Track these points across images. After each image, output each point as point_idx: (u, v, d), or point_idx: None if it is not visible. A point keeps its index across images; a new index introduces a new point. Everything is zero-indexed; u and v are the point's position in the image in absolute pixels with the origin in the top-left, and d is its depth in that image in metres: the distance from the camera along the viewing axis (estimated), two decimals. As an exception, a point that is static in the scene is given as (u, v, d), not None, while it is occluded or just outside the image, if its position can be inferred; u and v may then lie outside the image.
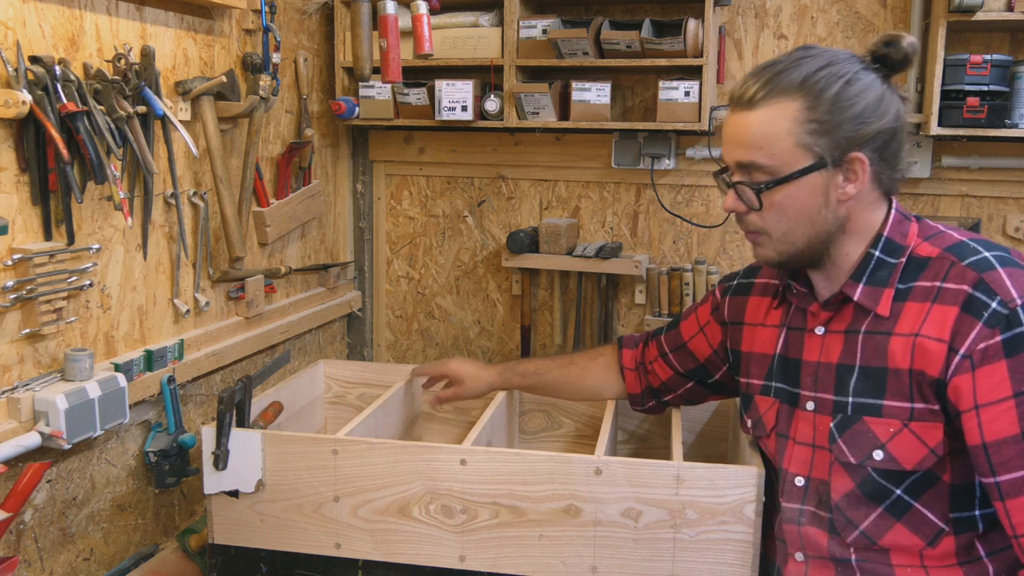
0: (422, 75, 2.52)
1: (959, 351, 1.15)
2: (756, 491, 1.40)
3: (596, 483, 1.44)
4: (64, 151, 1.46)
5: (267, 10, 2.08)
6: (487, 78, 2.43)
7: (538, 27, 2.35)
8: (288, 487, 1.55)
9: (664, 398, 1.69)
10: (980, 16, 2.08)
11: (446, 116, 2.43)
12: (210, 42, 1.96)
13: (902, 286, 1.24)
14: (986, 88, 2.14)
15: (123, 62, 1.64)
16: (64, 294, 1.56)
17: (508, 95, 2.40)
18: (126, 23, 1.70)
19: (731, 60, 2.48)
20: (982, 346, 1.14)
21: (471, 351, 2.79)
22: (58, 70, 1.48)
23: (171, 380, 1.82)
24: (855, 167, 1.22)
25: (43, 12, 1.51)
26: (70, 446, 1.49)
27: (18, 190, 1.48)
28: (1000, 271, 1.17)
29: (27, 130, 1.47)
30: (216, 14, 1.97)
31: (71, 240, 1.58)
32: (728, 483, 1.41)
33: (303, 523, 1.56)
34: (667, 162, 2.48)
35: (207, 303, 1.99)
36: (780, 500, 1.37)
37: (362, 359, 2.82)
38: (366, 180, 2.78)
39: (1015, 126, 2.16)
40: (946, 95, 2.16)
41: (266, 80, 2.03)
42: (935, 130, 2.17)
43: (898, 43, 1.23)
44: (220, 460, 1.54)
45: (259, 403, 1.72)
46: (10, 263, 1.46)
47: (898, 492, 1.23)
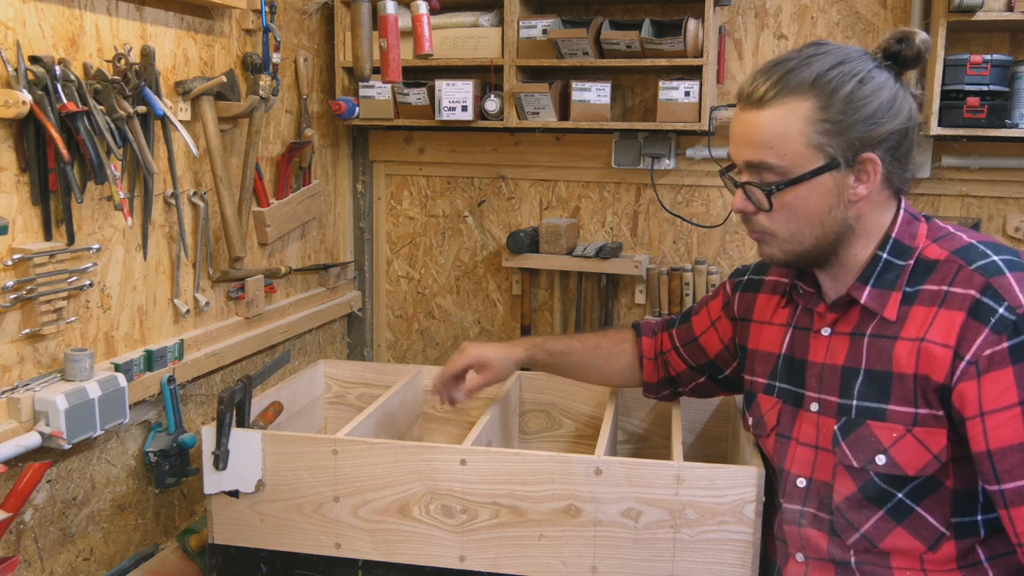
0: (422, 75, 2.52)
1: (965, 357, 1.14)
2: (756, 491, 1.40)
3: (596, 483, 1.44)
4: (64, 151, 1.46)
5: (267, 10, 2.08)
6: (487, 78, 2.43)
7: (538, 27, 2.35)
8: (288, 487, 1.55)
9: (678, 389, 1.68)
10: (980, 16, 2.08)
11: (446, 116, 2.43)
12: (210, 42, 1.96)
13: (909, 289, 1.22)
14: (986, 88, 2.14)
15: (123, 62, 1.64)
16: (64, 294, 1.56)
17: (508, 95, 2.40)
18: (126, 23, 1.70)
19: (731, 60, 2.48)
20: (988, 352, 1.12)
21: (471, 351, 2.79)
22: (58, 70, 1.48)
23: (171, 380, 1.82)
24: (867, 168, 1.20)
25: (43, 12, 1.51)
26: (70, 446, 1.49)
27: (18, 190, 1.48)
28: (1008, 276, 1.15)
29: (27, 130, 1.47)
30: (216, 14, 1.97)
31: (71, 240, 1.58)
32: (728, 483, 1.41)
33: (303, 523, 1.56)
34: (667, 162, 2.49)
35: (207, 303, 1.99)
36: (781, 500, 1.36)
37: (362, 359, 2.82)
38: (366, 180, 2.78)
39: (1015, 126, 2.16)
40: (946, 95, 2.16)
41: (266, 80, 2.03)
42: (935, 130, 2.17)
43: (911, 40, 1.21)
44: (220, 460, 1.54)
45: (259, 403, 1.72)
46: (10, 263, 1.46)
47: (900, 496, 1.22)
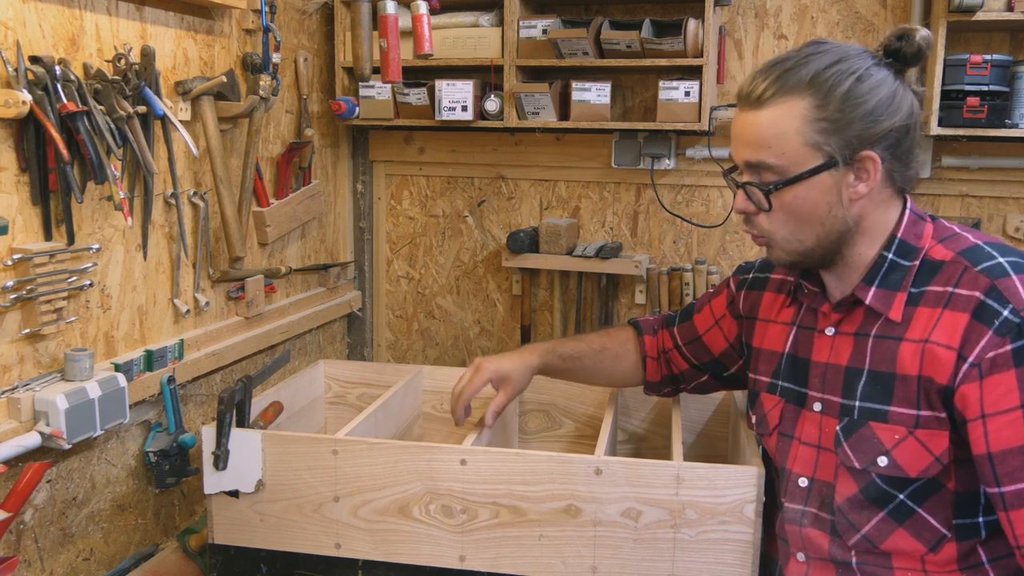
0: (422, 75, 2.52)
1: (968, 359, 1.13)
2: (756, 491, 1.40)
3: (596, 483, 1.44)
4: (64, 151, 1.46)
5: (267, 10, 2.08)
6: (487, 78, 2.43)
7: (538, 27, 2.35)
8: (288, 487, 1.55)
9: (680, 386, 1.68)
10: (980, 16, 2.08)
11: (446, 116, 2.43)
12: (210, 42, 1.96)
13: (915, 290, 1.22)
14: (986, 88, 2.14)
15: (123, 62, 1.64)
16: (64, 294, 1.56)
17: (508, 95, 2.40)
18: (126, 23, 1.70)
19: (731, 60, 2.48)
20: (991, 355, 1.12)
21: (471, 351, 2.79)
22: (58, 70, 1.48)
23: (171, 380, 1.82)
24: (867, 166, 1.19)
25: (43, 12, 1.51)
26: (70, 446, 1.49)
27: (18, 190, 1.48)
28: (1014, 278, 1.14)
29: (27, 130, 1.47)
30: (216, 14, 1.97)
31: (71, 240, 1.58)
32: (728, 483, 1.41)
33: (303, 523, 1.56)
34: (667, 162, 2.49)
35: (207, 303, 1.99)
36: (783, 500, 1.36)
37: (362, 359, 2.82)
38: (366, 180, 2.78)
39: (1015, 126, 2.16)
40: (946, 95, 2.16)
41: (266, 80, 2.03)
42: (935, 130, 2.17)
43: (911, 37, 1.20)
44: (220, 460, 1.54)
45: (259, 403, 1.72)
46: (10, 263, 1.46)
47: (901, 497, 1.22)
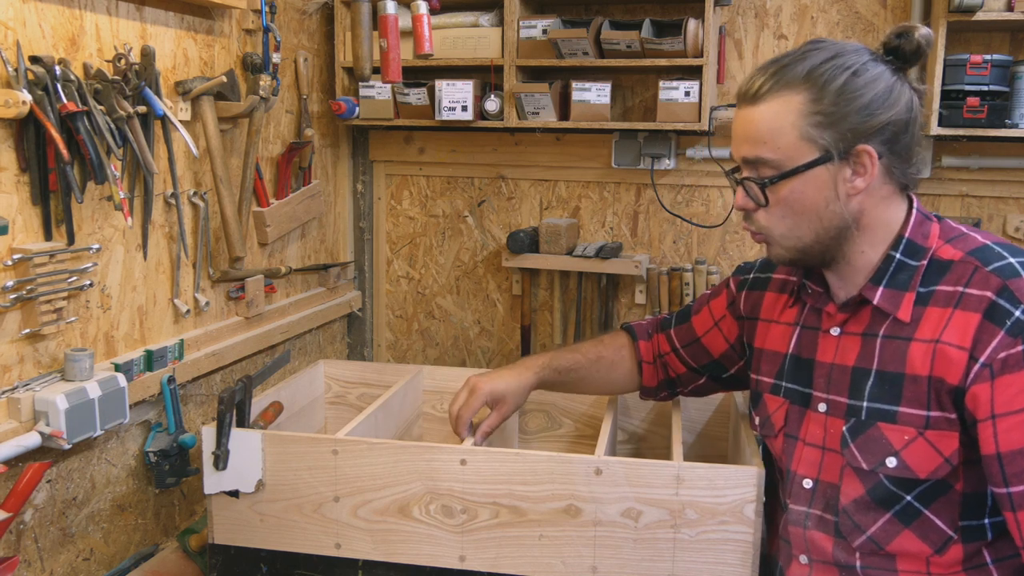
0: (422, 75, 2.52)
1: (979, 359, 1.13)
2: (756, 491, 1.40)
3: (596, 483, 1.44)
4: (64, 151, 1.46)
5: (267, 10, 2.08)
6: (487, 78, 2.43)
7: (538, 27, 2.35)
8: (288, 487, 1.55)
9: (676, 390, 1.67)
10: (980, 16, 2.09)
11: (446, 116, 2.44)
12: (210, 42, 1.96)
13: (923, 290, 1.21)
14: (986, 88, 2.14)
15: (123, 62, 1.64)
16: (64, 294, 1.56)
17: (508, 95, 2.40)
18: (126, 23, 1.70)
19: (731, 60, 2.48)
20: (1003, 355, 1.11)
21: (471, 351, 2.80)
22: (58, 70, 1.48)
23: (171, 380, 1.82)
24: (863, 160, 1.19)
25: (43, 12, 1.51)
26: (70, 446, 1.49)
27: (18, 190, 1.48)
28: None
29: (27, 130, 1.47)
30: (216, 14, 1.97)
31: (71, 240, 1.58)
32: (728, 483, 1.41)
33: (303, 523, 1.56)
34: (667, 162, 2.49)
35: (207, 303, 1.99)
36: (787, 501, 1.35)
37: (362, 359, 2.82)
38: (366, 180, 2.78)
39: (1015, 126, 2.16)
40: (946, 95, 2.16)
41: (266, 80, 2.03)
42: (935, 130, 2.17)
43: (910, 34, 1.20)
44: (220, 460, 1.54)
45: (259, 403, 1.72)
46: (10, 263, 1.46)
47: (908, 498, 1.21)
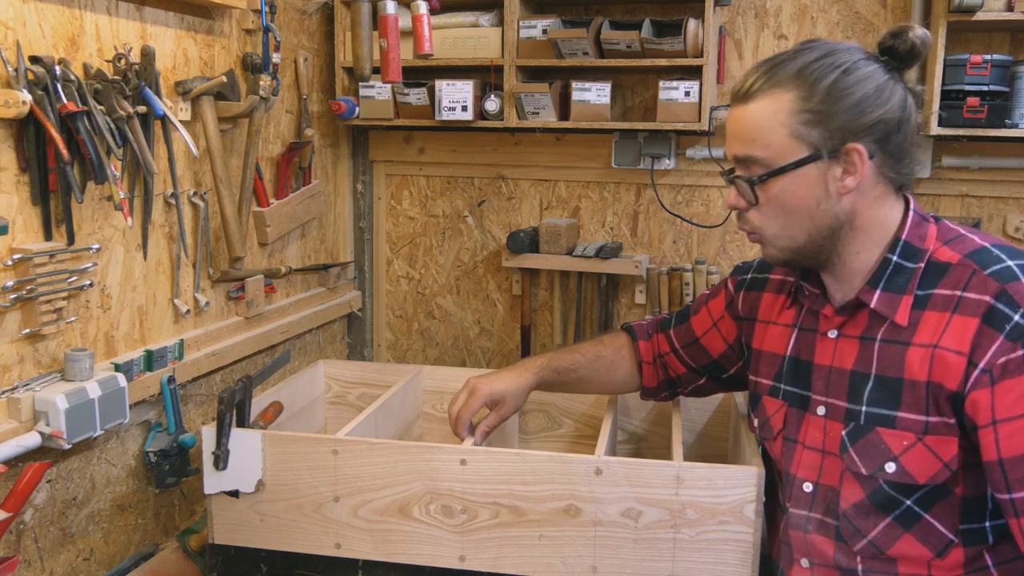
0: (422, 75, 2.52)
1: (979, 365, 1.12)
2: (756, 491, 1.40)
3: (596, 483, 1.44)
4: (64, 151, 1.46)
5: (267, 10, 2.08)
6: (487, 78, 2.43)
7: (538, 27, 2.35)
8: (288, 487, 1.55)
9: (677, 390, 1.67)
10: (980, 16, 2.08)
11: (446, 116, 2.43)
12: (210, 42, 1.96)
13: (921, 293, 1.20)
14: (986, 88, 2.14)
15: (123, 62, 1.64)
16: (64, 294, 1.56)
17: (508, 95, 2.40)
18: (126, 23, 1.70)
19: (731, 60, 2.48)
20: (1002, 360, 1.10)
21: (471, 351, 2.80)
22: (58, 70, 1.48)
23: (171, 380, 1.82)
24: (853, 158, 1.18)
25: (43, 12, 1.51)
26: (70, 446, 1.49)
27: (18, 190, 1.48)
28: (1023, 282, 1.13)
29: (27, 130, 1.47)
30: (216, 14, 1.97)
31: (71, 240, 1.58)
32: (728, 483, 1.41)
33: (303, 523, 1.56)
34: (667, 162, 2.48)
35: (207, 303, 1.99)
36: (787, 505, 1.35)
37: (362, 359, 2.82)
38: (366, 180, 2.78)
39: (1015, 126, 2.16)
40: (946, 95, 2.16)
41: (266, 80, 2.03)
42: (935, 130, 2.17)
43: (904, 35, 1.20)
44: (220, 460, 1.54)
45: (259, 403, 1.72)
46: (10, 263, 1.46)
47: (908, 503, 1.20)
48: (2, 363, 1.47)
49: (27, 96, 1.42)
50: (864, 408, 1.23)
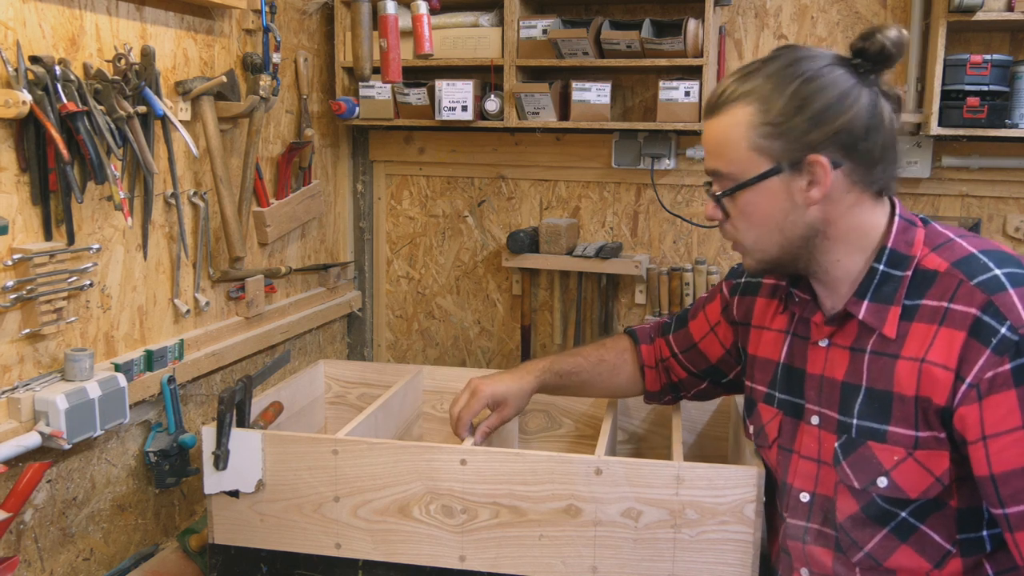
0: (422, 75, 2.52)
1: (966, 379, 1.10)
2: (756, 491, 1.40)
3: (596, 483, 1.44)
4: (64, 151, 1.46)
5: (267, 10, 2.08)
6: (487, 78, 2.43)
7: (538, 27, 2.35)
8: (288, 487, 1.55)
9: (680, 394, 1.66)
10: (980, 16, 2.08)
11: (446, 116, 2.44)
12: (210, 42, 1.96)
13: (908, 303, 1.18)
14: (986, 88, 2.14)
15: (123, 62, 1.64)
16: (64, 294, 1.56)
17: (508, 95, 2.40)
18: (126, 23, 1.70)
19: (731, 60, 2.48)
20: (990, 374, 1.08)
21: (471, 351, 2.80)
22: (58, 70, 1.48)
23: (171, 380, 1.82)
24: (815, 170, 1.15)
25: (43, 12, 1.51)
26: (70, 446, 1.49)
27: (18, 190, 1.48)
28: (1011, 292, 1.10)
29: (27, 130, 1.47)
30: (216, 14, 1.97)
31: (71, 240, 1.58)
32: (728, 483, 1.41)
33: (303, 523, 1.56)
34: (667, 162, 2.48)
35: (207, 303, 1.99)
36: (785, 514, 1.34)
37: (362, 359, 2.82)
38: (366, 180, 2.78)
39: (1015, 126, 2.16)
40: (946, 95, 2.16)
41: (266, 80, 2.03)
42: (935, 130, 2.17)
43: (873, 36, 1.16)
44: (220, 460, 1.54)
45: (259, 403, 1.72)
46: (10, 263, 1.46)
47: (903, 515, 1.19)
48: (2, 363, 1.47)
49: (27, 96, 1.42)
50: (855, 421, 1.21)
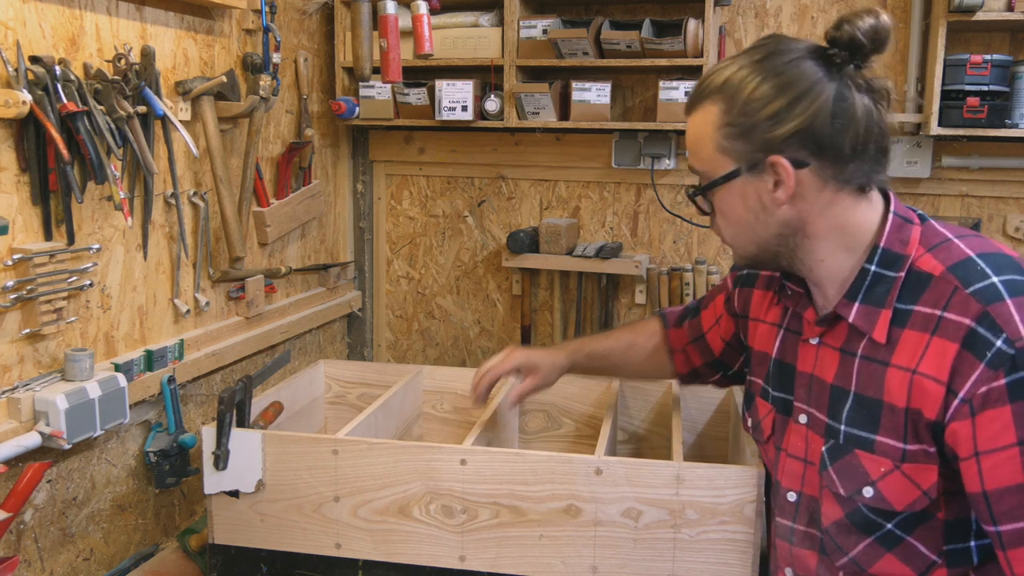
0: (422, 75, 2.52)
1: (958, 394, 1.04)
2: (756, 491, 1.40)
3: (596, 483, 1.44)
4: (64, 151, 1.46)
5: (267, 10, 2.08)
6: (487, 78, 2.43)
7: (538, 27, 2.35)
8: (288, 487, 1.55)
9: (706, 380, 1.62)
10: (980, 16, 2.08)
11: (446, 116, 2.44)
12: (210, 42, 1.96)
13: (901, 307, 1.12)
14: (986, 88, 2.14)
15: (123, 62, 1.64)
16: (64, 294, 1.56)
17: (508, 95, 2.40)
18: (126, 23, 1.70)
19: (731, 60, 2.48)
20: (983, 390, 1.02)
21: (471, 351, 2.80)
22: (58, 70, 1.48)
23: (171, 380, 1.82)
24: (777, 171, 1.11)
25: (43, 12, 1.51)
26: (70, 446, 1.49)
27: (18, 190, 1.48)
28: (1008, 303, 1.03)
29: (27, 130, 1.47)
30: (216, 14, 1.97)
31: (71, 240, 1.58)
32: (728, 483, 1.41)
33: (303, 523, 1.56)
34: (667, 162, 2.48)
35: (207, 303, 1.99)
36: (775, 512, 1.31)
37: (362, 359, 2.82)
38: (366, 180, 2.78)
39: (1015, 126, 2.16)
40: (946, 95, 2.16)
41: (266, 80, 2.03)
42: (935, 130, 2.17)
43: (842, 25, 1.11)
44: (220, 460, 1.54)
45: (259, 403, 1.72)
46: (10, 263, 1.46)
47: (889, 526, 1.15)
48: (2, 363, 1.47)
49: (27, 96, 1.42)
50: (843, 427, 1.18)
